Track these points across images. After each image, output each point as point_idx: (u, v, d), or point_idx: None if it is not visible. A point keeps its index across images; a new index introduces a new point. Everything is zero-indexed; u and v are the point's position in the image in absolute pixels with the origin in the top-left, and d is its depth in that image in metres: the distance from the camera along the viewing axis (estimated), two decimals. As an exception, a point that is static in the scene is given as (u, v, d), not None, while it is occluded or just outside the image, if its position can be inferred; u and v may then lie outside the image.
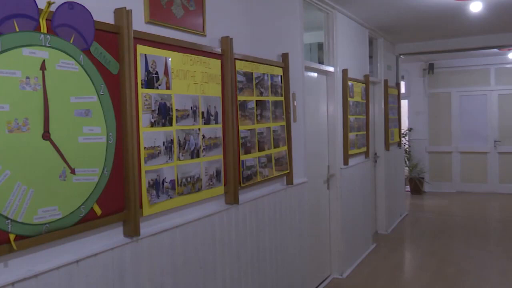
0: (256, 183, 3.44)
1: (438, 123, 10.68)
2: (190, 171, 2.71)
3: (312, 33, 5.29)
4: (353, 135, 5.58)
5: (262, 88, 3.56)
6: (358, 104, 5.79)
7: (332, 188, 5.20)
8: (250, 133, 3.36)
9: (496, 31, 7.23)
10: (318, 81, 5.06)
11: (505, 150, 10.18)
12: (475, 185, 10.38)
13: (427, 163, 10.65)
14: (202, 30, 2.91)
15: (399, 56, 8.20)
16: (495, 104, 10.28)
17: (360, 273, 5.36)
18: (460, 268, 5.49)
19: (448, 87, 10.58)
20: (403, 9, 5.57)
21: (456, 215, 8.55)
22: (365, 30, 6.29)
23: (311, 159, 4.62)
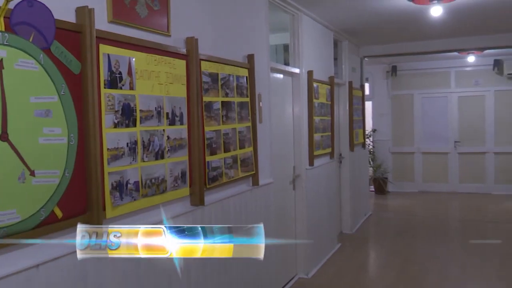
0: (222, 184, 3.43)
1: (401, 124, 10.91)
2: (154, 172, 2.68)
3: (278, 34, 5.32)
4: (318, 136, 5.64)
5: (228, 89, 3.55)
6: (323, 105, 5.86)
7: (298, 189, 5.23)
8: (215, 134, 3.35)
9: (456, 35, 7.45)
10: (284, 82, 5.09)
11: (465, 151, 10.48)
12: (437, 184, 10.65)
13: (390, 163, 10.86)
14: (167, 30, 2.88)
15: (363, 58, 8.34)
16: (455, 106, 10.58)
17: (325, 273, 5.42)
18: (423, 266, 5.62)
19: (410, 89, 10.82)
20: (366, 12, 5.67)
21: (418, 214, 8.76)
22: (330, 33, 6.37)
23: (277, 160, 4.64)
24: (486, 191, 10.26)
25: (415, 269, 5.49)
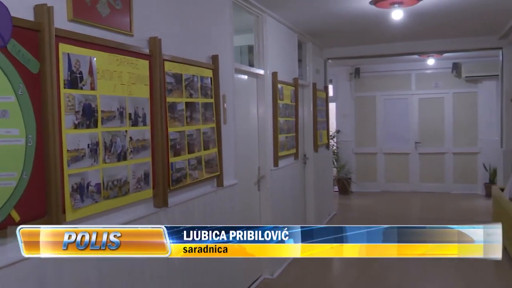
0: (186, 185, 3.41)
1: (364, 126, 11.10)
2: (116, 174, 2.64)
3: (243, 35, 5.33)
4: (282, 137, 5.67)
5: (192, 89, 3.53)
6: (287, 106, 5.90)
7: (263, 190, 5.25)
8: (179, 135, 3.32)
9: (416, 38, 7.64)
10: (249, 83, 5.10)
11: (425, 151, 10.76)
12: (398, 184, 10.89)
13: (354, 164, 11.04)
14: (129, 30, 2.85)
15: (327, 60, 8.44)
16: (415, 107, 10.84)
17: (290, 273, 5.46)
18: (385, 264, 5.72)
19: (373, 91, 11.03)
20: (329, 15, 5.75)
21: (381, 213, 8.93)
22: (294, 34, 6.42)
23: (242, 161, 4.64)
24: (445, 190, 10.56)
25: (377, 267, 5.59)
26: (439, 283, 5.26)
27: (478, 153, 10.36)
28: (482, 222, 7.54)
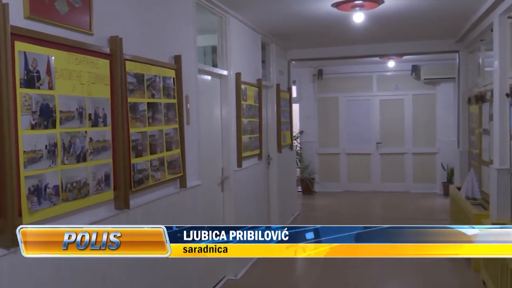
0: (148, 187, 3.37)
1: (327, 126, 11.24)
2: (76, 175, 2.59)
3: (206, 36, 5.31)
4: (246, 137, 5.68)
5: (154, 90, 3.50)
6: (251, 107, 5.91)
7: (226, 190, 5.25)
8: (141, 135, 3.28)
9: (377, 41, 7.79)
10: (212, 84, 5.08)
11: (386, 151, 10.99)
12: (360, 184, 11.08)
13: (317, 164, 11.16)
14: (89, 29, 2.79)
15: (290, 61, 8.51)
16: (377, 108, 11.06)
17: (254, 273, 5.47)
18: (347, 262, 5.80)
19: (335, 92, 11.18)
20: (292, 17, 5.79)
21: (344, 213, 9.06)
22: (257, 35, 6.44)
23: (205, 162, 4.62)
24: (405, 190, 10.81)
25: (339, 265, 5.66)
26: (398, 281, 5.38)
27: (437, 153, 10.66)
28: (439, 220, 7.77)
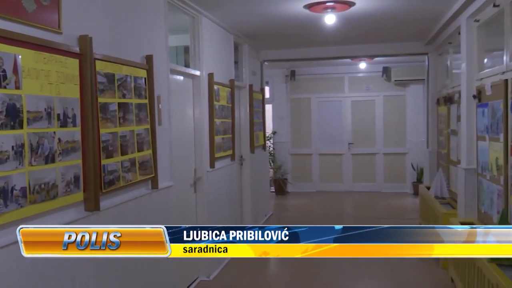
0: (119, 188, 3.33)
1: (300, 127, 11.31)
2: (44, 177, 2.53)
3: (179, 36, 5.28)
4: (219, 138, 5.67)
5: (125, 90, 3.45)
6: (224, 108, 5.90)
7: (199, 191, 5.22)
8: (112, 136, 3.24)
9: (349, 42, 7.88)
10: (184, 84, 5.05)
11: (357, 152, 11.12)
12: (332, 184, 11.18)
13: (290, 164, 11.22)
14: (58, 27, 2.74)
15: (263, 62, 8.53)
16: (348, 109, 11.19)
17: (227, 274, 5.46)
18: (319, 262, 5.85)
19: (308, 93, 11.26)
20: (265, 17, 5.81)
21: (316, 213, 9.13)
22: (230, 36, 6.43)
23: (177, 163, 4.59)
24: (376, 190, 10.97)
25: (312, 265, 5.71)
26: (370, 280, 5.45)
27: (407, 153, 10.85)
28: (410, 219, 7.91)
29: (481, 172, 4.78)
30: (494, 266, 3.39)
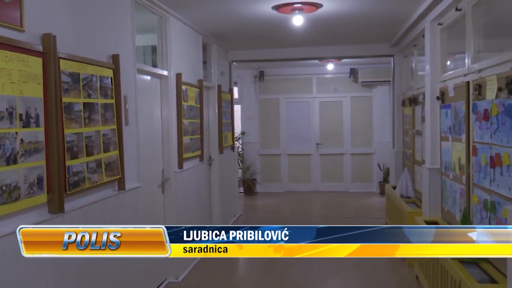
0: (85, 189, 3.27)
1: (268, 128, 11.35)
2: (5, 179, 2.46)
3: (146, 35, 5.22)
4: (187, 138, 5.63)
5: (91, 90, 3.39)
6: (192, 108, 5.87)
7: (167, 192, 5.18)
8: (77, 137, 3.17)
9: (317, 44, 7.96)
10: (152, 84, 5.00)
11: (325, 152, 11.24)
12: (301, 184, 11.27)
13: (258, 165, 11.24)
14: (20, 25, 2.67)
15: (232, 62, 8.53)
16: (316, 110, 11.29)
17: (196, 275, 5.43)
18: (288, 261, 5.88)
19: (276, 94, 11.32)
20: (233, 18, 5.81)
21: (285, 212, 9.18)
22: (198, 36, 6.41)
23: (145, 163, 4.54)
24: (344, 189, 11.10)
25: (281, 266, 5.73)
26: (338, 278, 5.52)
27: (373, 153, 11.03)
28: (376, 218, 8.03)
29: (444, 171, 4.91)
30: (457, 263, 3.49)
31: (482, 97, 3.68)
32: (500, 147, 3.34)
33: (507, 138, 3.19)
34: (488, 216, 3.63)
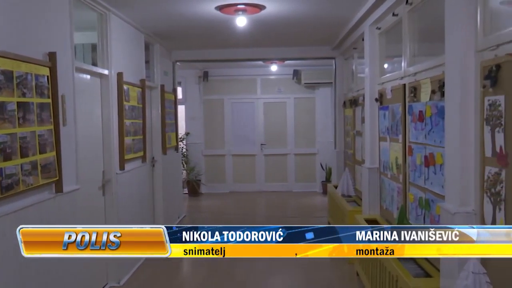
0: (19, 192, 3.13)
1: (213, 128, 11.33)
2: None
3: (86, 33, 5.07)
4: (129, 139, 5.52)
5: (25, 88, 3.25)
6: (134, 108, 5.76)
7: (108, 194, 5.05)
8: (10, 137, 3.03)
9: (260, 45, 8.02)
10: (92, 83, 4.86)
11: (270, 153, 11.35)
12: (246, 185, 11.31)
13: (203, 166, 11.19)
14: None
15: (175, 62, 8.43)
16: (261, 111, 11.38)
17: (138, 278, 5.33)
18: (233, 261, 5.88)
19: (221, 94, 11.31)
20: (176, 17, 5.75)
21: (229, 213, 9.18)
22: (141, 35, 6.29)
23: (84, 165, 4.40)
24: (288, 189, 11.25)
25: (225, 265, 5.73)
26: (282, 276, 5.58)
27: (316, 153, 11.24)
28: (319, 217, 8.20)
29: (383, 171, 5.08)
30: (394, 259, 3.62)
31: (417, 99, 3.85)
32: (434, 147, 3.50)
33: (440, 139, 3.34)
34: (423, 213, 3.79)
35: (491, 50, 2.59)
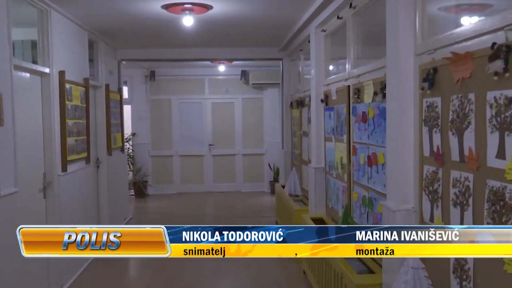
0: (-49, 196, 2.97)
1: (160, 128, 11.18)
2: None
3: (25, 29, 4.87)
4: (72, 140, 5.35)
5: (-42, 86, 3.09)
6: (77, 108, 5.59)
7: (49, 197, 4.87)
8: None
9: (208, 45, 7.99)
10: (32, 82, 4.68)
11: (218, 153, 11.33)
12: (194, 185, 11.24)
13: (150, 166, 11.02)
14: None
15: (121, 61, 8.26)
16: (209, 111, 11.34)
17: (82, 283, 5.18)
18: (180, 263, 5.83)
19: (168, 94, 11.18)
20: (121, 15, 5.63)
21: (177, 214, 9.09)
22: (84, 32, 6.11)
23: (23, 167, 4.23)
24: (236, 189, 11.27)
25: (173, 267, 5.67)
26: (231, 276, 5.58)
27: (264, 154, 11.33)
28: (267, 217, 8.26)
29: (328, 170, 5.19)
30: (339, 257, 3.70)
31: (361, 100, 3.95)
32: (376, 147, 3.61)
33: (382, 139, 3.45)
34: (366, 211, 3.90)
35: (429, 53, 2.70)
